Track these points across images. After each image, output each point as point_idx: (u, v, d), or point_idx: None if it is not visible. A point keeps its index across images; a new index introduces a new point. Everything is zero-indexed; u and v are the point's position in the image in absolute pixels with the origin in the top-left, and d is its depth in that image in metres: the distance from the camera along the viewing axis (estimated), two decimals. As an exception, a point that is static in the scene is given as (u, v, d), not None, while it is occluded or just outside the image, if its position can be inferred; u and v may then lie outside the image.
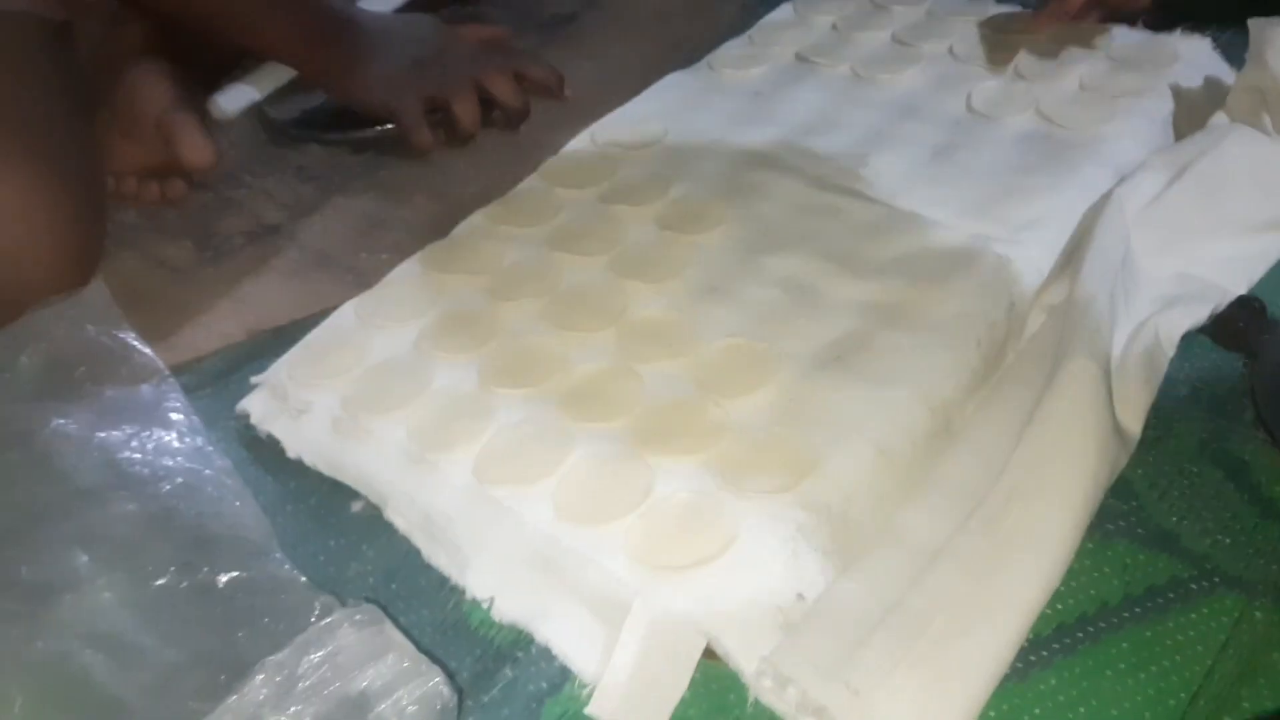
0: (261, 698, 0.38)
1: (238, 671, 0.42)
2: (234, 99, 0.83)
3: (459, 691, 0.42)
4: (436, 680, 0.39)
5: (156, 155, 0.76)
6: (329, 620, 0.40)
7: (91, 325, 0.65)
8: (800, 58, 0.86)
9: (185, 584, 0.49)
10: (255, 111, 0.85)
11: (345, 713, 0.38)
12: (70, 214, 0.67)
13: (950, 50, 0.83)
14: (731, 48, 0.89)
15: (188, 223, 0.77)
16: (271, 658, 0.39)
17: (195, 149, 0.73)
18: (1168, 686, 0.44)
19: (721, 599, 0.47)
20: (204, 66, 0.84)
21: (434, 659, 0.41)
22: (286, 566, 0.49)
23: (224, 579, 0.48)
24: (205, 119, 0.77)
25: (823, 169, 0.72)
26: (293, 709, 0.38)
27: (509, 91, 0.82)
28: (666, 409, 0.55)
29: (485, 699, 0.46)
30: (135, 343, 0.63)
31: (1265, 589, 0.47)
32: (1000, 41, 0.83)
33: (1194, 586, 0.48)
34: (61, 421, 0.57)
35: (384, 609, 0.44)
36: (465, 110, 0.80)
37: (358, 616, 0.40)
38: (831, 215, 0.68)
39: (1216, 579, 0.48)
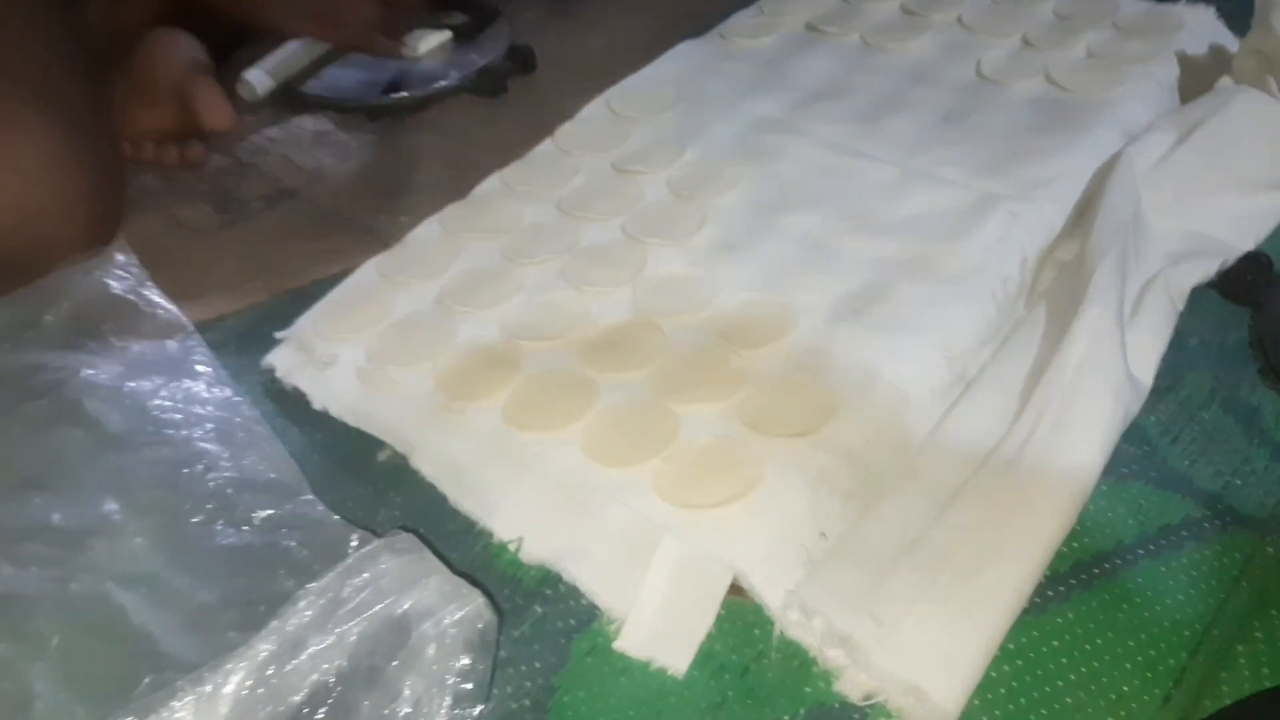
0: (306, 620, 0.39)
1: (276, 604, 0.43)
2: (261, 80, 0.84)
3: (499, 613, 0.43)
4: (479, 602, 0.40)
5: (175, 119, 0.76)
6: (369, 548, 0.41)
7: (115, 283, 0.65)
8: (810, 27, 0.87)
9: (219, 524, 0.49)
10: (273, 79, 0.85)
11: (388, 633, 0.39)
12: (91, 174, 0.67)
13: (959, 19, 0.84)
14: (742, 17, 0.89)
15: (207, 186, 0.78)
16: (313, 584, 0.40)
17: (215, 112, 0.74)
18: (1183, 618, 0.45)
19: (747, 537, 0.48)
20: (216, 36, 0.85)
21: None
22: (320, 508, 0.50)
23: (258, 518, 0.49)
24: (226, 83, 0.78)
25: (836, 132, 0.73)
26: (337, 630, 0.39)
27: None
28: (688, 359, 0.56)
29: (516, 634, 0.47)
30: (159, 299, 0.64)
31: (1276, 526, 0.48)
32: (1007, 12, 0.84)
33: (1207, 525, 0.49)
34: (90, 372, 0.58)
35: (418, 542, 0.45)
36: None
37: (397, 544, 0.41)
38: (846, 176, 0.69)
39: (1229, 518, 0.49)
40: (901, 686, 0.42)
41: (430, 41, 0.89)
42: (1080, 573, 0.48)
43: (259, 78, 0.83)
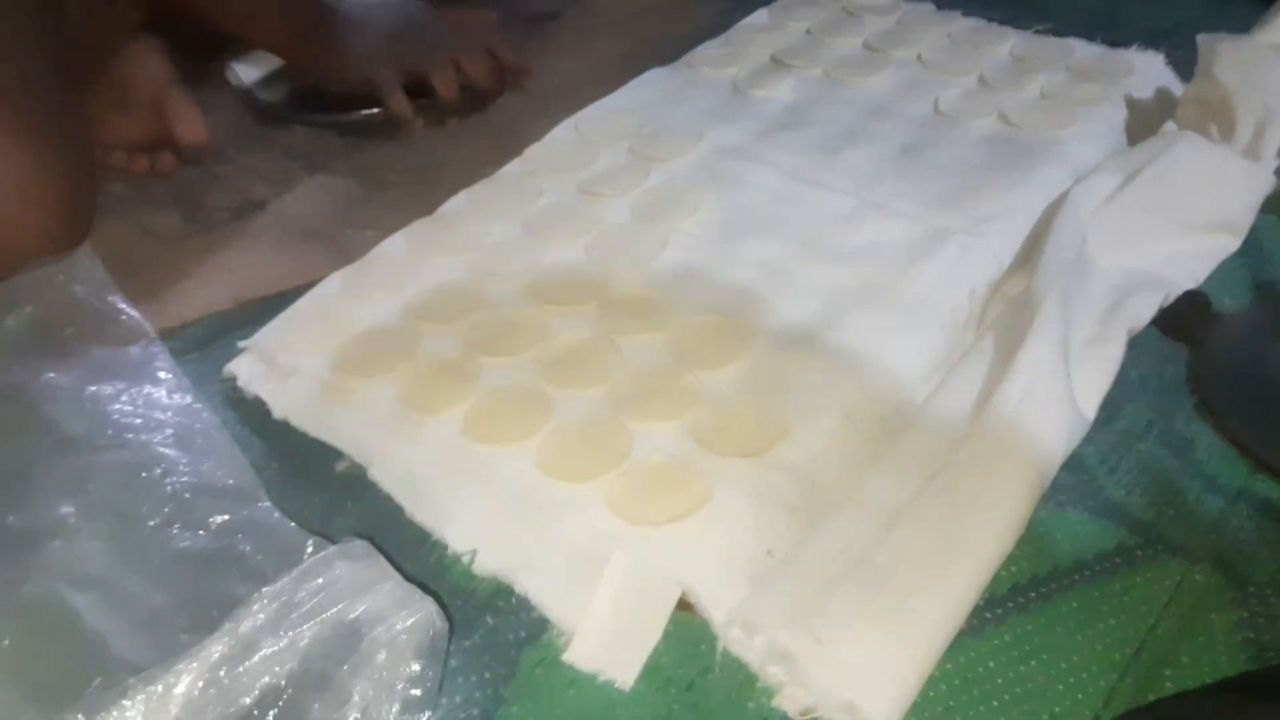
0: (259, 623, 0.39)
1: (230, 608, 0.43)
2: (250, 69, 0.85)
3: (450, 621, 0.44)
4: (430, 609, 0.41)
5: (148, 129, 0.77)
6: (324, 554, 0.42)
7: (79, 288, 0.66)
8: (775, 59, 0.89)
9: (175, 528, 0.50)
10: (244, 93, 0.86)
11: (340, 637, 0.40)
12: (61, 180, 0.68)
13: (919, 57, 0.87)
14: (709, 47, 0.92)
15: (176, 196, 0.79)
16: (268, 587, 0.41)
17: (189, 125, 0.75)
18: (1113, 642, 0.47)
19: (695, 553, 0.49)
20: (197, 47, 0.86)
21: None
22: (276, 514, 0.50)
23: (214, 523, 0.49)
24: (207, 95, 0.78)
25: (796, 162, 0.75)
26: (289, 634, 0.39)
27: (480, 69, 0.85)
28: (644, 378, 0.58)
29: (467, 644, 0.48)
30: (123, 306, 0.65)
31: (1205, 555, 0.50)
32: (965, 52, 0.86)
33: (1139, 552, 0.51)
34: (51, 376, 0.58)
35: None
36: (442, 82, 0.83)
37: (351, 550, 0.42)
38: (804, 204, 0.70)
39: (1160, 546, 0.51)
40: (838, 703, 0.43)
41: None
42: (1018, 595, 0.49)
43: (245, 70, 0.84)
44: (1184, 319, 0.62)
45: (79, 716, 0.39)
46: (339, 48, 0.83)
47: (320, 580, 0.40)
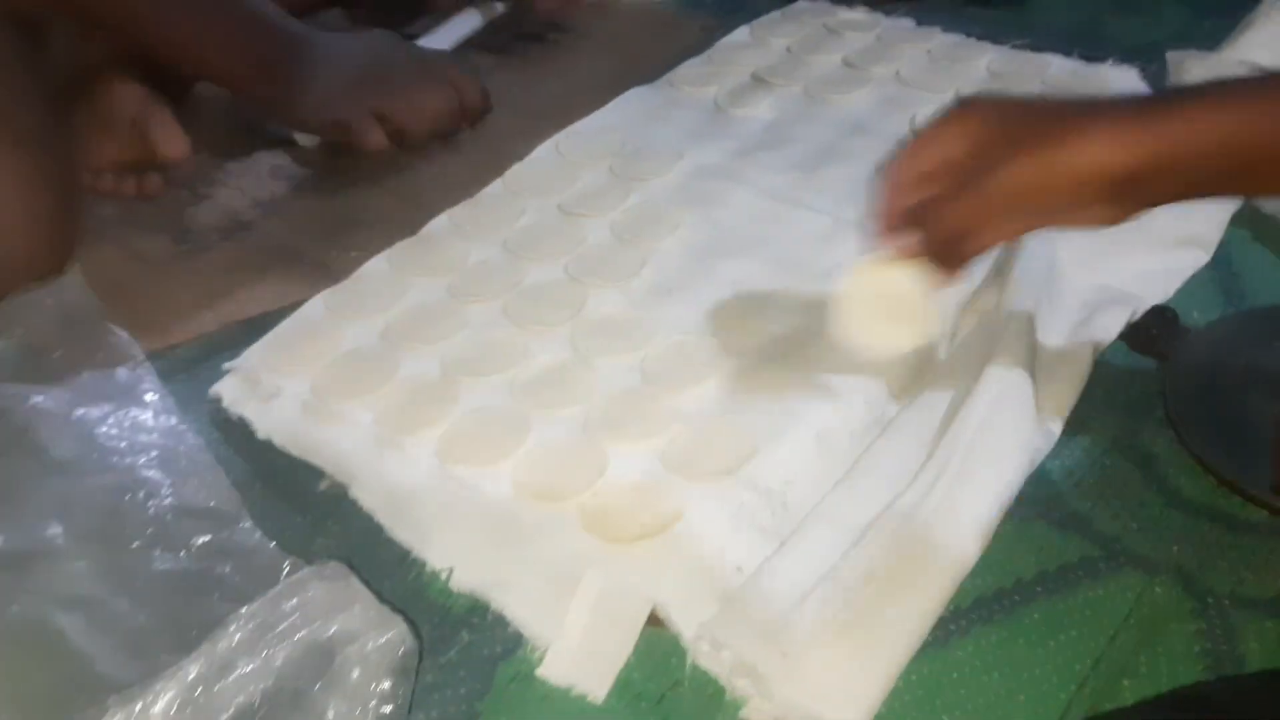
0: (235, 644, 0.41)
1: (209, 628, 0.44)
2: None
3: (420, 641, 0.45)
4: (399, 629, 0.42)
5: (133, 150, 0.78)
6: (298, 575, 0.43)
7: (68, 312, 0.67)
8: (756, 77, 0.90)
9: (158, 550, 0.51)
10: (231, 114, 0.87)
11: (313, 657, 0.41)
12: (47, 201, 0.69)
13: (898, 74, 0.88)
14: (691, 66, 0.93)
15: (164, 218, 0.80)
16: (244, 608, 0.42)
17: (170, 142, 0.76)
18: (1074, 653, 0.48)
19: (666, 570, 0.50)
20: (176, 76, 0.87)
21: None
22: (257, 535, 0.51)
23: (196, 545, 0.51)
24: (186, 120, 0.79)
25: (775, 181, 0.76)
26: (264, 653, 0.40)
27: (444, 110, 0.84)
28: (619, 398, 0.59)
29: (443, 660, 0.49)
30: (111, 329, 0.66)
31: (1166, 568, 0.51)
32: (943, 68, 0.88)
33: (1102, 565, 0.52)
34: (39, 399, 0.59)
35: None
36: (410, 121, 0.82)
37: (326, 572, 0.43)
38: (782, 224, 0.72)
39: (1123, 558, 0.52)
40: (804, 715, 0.45)
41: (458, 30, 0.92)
42: (981, 607, 0.50)
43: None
44: (1152, 333, 0.63)
45: (59, 735, 0.40)
46: (301, 88, 0.79)
47: (295, 601, 0.42)
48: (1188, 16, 1.00)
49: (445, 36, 0.95)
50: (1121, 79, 0.84)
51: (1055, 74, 0.85)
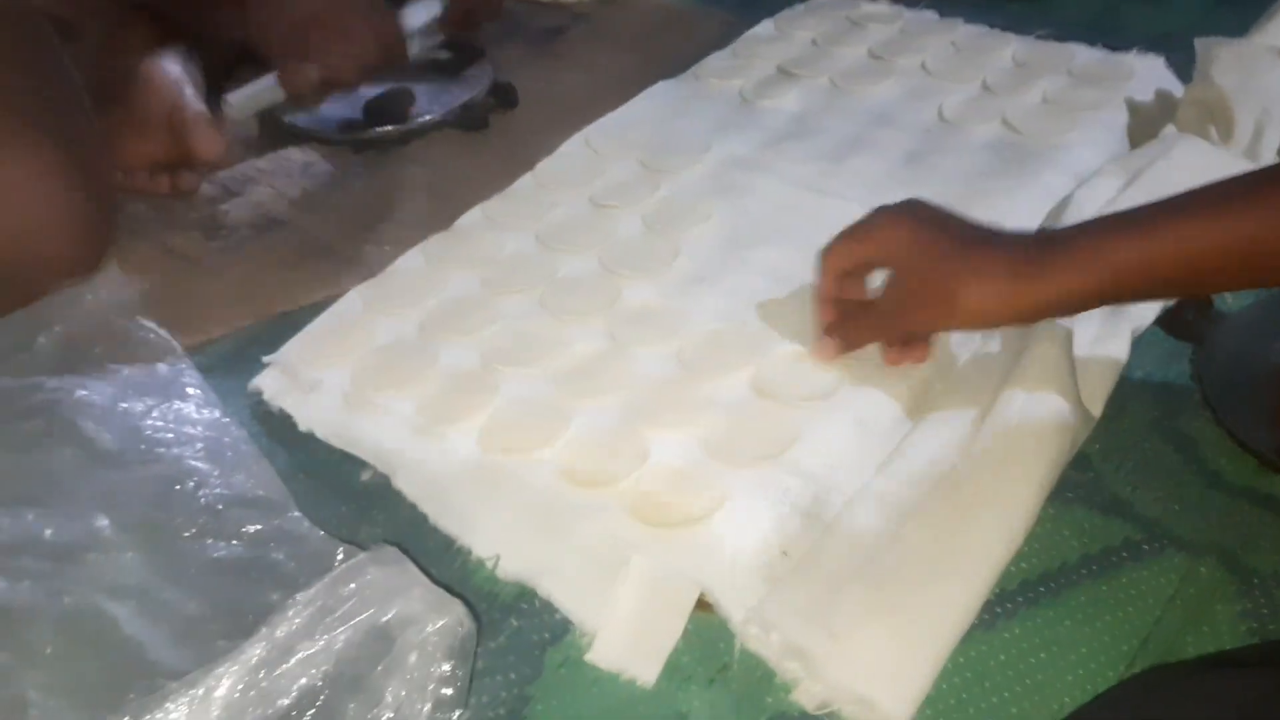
0: (295, 628, 0.41)
1: (263, 614, 0.45)
2: (245, 100, 0.85)
3: (477, 623, 0.45)
4: (459, 611, 0.42)
5: (167, 149, 0.79)
6: (356, 560, 0.43)
7: (106, 308, 0.68)
8: (782, 70, 0.90)
9: (209, 539, 0.52)
10: (263, 113, 0.88)
11: (373, 640, 0.41)
12: (84, 195, 0.70)
13: (923, 65, 0.88)
14: (716, 59, 0.93)
15: (197, 215, 0.80)
16: (302, 593, 0.42)
17: (205, 141, 0.77)
18: (1121, 633, 0.48)
19: (712, 555, 0.51)
20: (206, 66, 0.87)
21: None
22: (306, 524, 0.52)
23: (247, 533, 0.51)
24: (216, 113, 0.80)
25: (803, 171, 0.77)
26: (324, 637, 0.41)
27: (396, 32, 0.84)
28: (659, 386, 0.59)
29: (493, 646, 0.50)
30: (150, 324, 0.67)
31: (1210, 549, 0.51)
32: (969, 58, 0.88)
33: (1145, 547, 0.52)
34: (84, 393, 0.60)
35: (399, 558, 0.47)
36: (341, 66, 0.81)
37: (382, 556, 0.44)
38: (811, 213, 0.72)
39: (1165, 540, 0.52)
40: (852, 696, 0.45)
41: (420, 16, 0.89)
42: (1027, 591, 0.51)
43: (239, 99, 0.84)
44: (1187, 318, 0.63)
45: (125, 718, 0.40)
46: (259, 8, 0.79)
47: (353, 585, 0.42)
48: (1205, 5, 1.00)
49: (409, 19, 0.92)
50: (1148, 67, 0.84)
51: (1081, 63, 0.85)
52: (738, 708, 0.47)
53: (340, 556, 0.48)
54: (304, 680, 0.41)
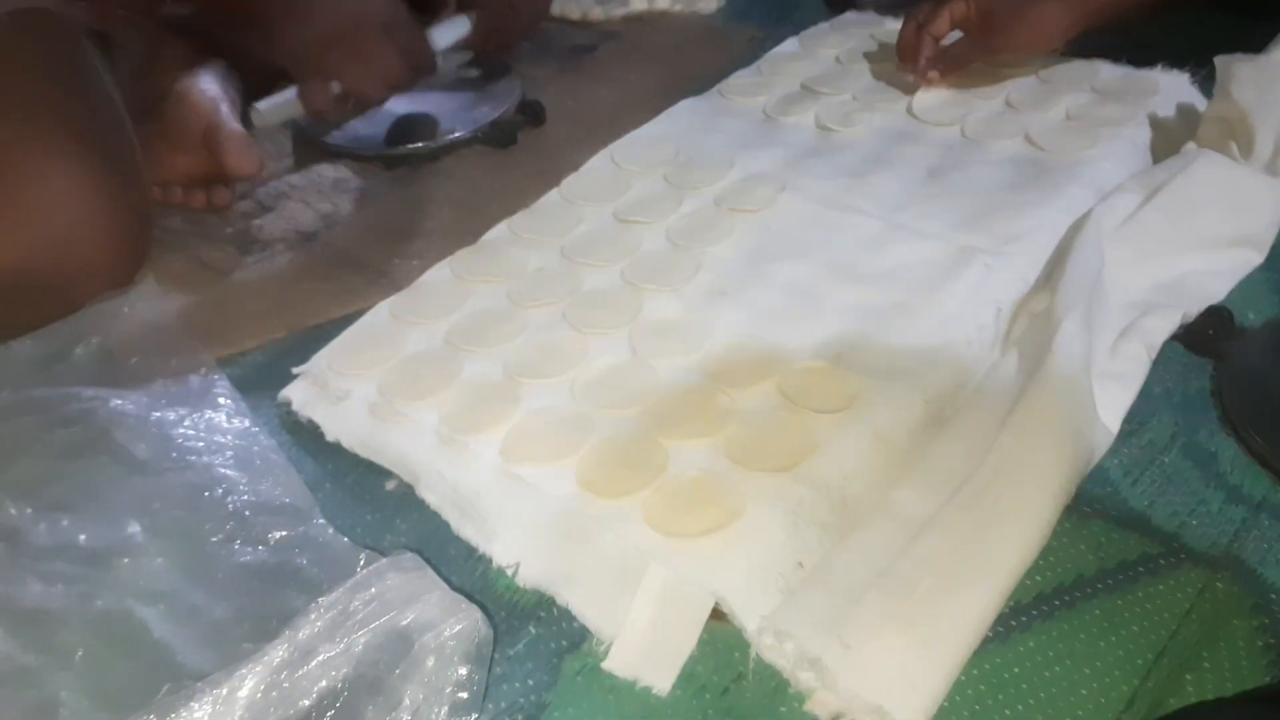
0: (316, 630, 0.42)
1: (288, 619, 0.46)
2: (273, 109, 0.86)
3: (494, 630, 0.46)
4: (476, 617, 0.43)
5: (203, 164, 0.81)
6: (376, 566, 0.44)
7: (143, 320, 0.70)
8: (805, 87, 0.91)
9: (236, 544, 0.53)
10: (295, 130, 0.90)
11: (392, 644, 0.42)
12: (123, 209, 0.72)
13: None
14: (741, 77, 0.94)
15: (231, 229, 0.82)
16: (324, 598, 0.43)
17: (241, 158, 0.78)
18: (1136, 647, 0.48)
19: (728, 565, 0.51)
20: (244, 83, 0.89)
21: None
22: (330, 530, 0.53)
23: (273, 539, 0.52)
24: (250, 130, 0.82)
25: (825, 188, 0.77)
26: (344, 640, 0.42)
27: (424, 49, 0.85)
28: (679, 398, 0.60)
29: (511, 653, 0.51)
30: (184, 336, 0.68)
31: (1227, 564, 0.51)
32: (992, 74, 0.88)
33: (1162, 561, 0.52)
34: (119, 402, 0.62)
35: (420, 566, 0.48)
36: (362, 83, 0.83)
37: (402, 563, 0.45)
38: (833, 229, 0.73)
39: (1183, 555, 0.52)
40: (867, 707, 0.45)
41: (448, 36, 0.91)
42: (1042, 604, 0.51)
43: (268, 107, 0.85)
44: (1208, 334, 0.63)
45: (150, 717, 0.41)
46: (282, 27, 0.80)
47: (373, 590, 0.43)
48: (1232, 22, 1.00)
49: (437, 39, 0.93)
50: (1172, 83, 0.84)
51: (1104, 79, 0.85)
52: (752, 717, 0.47)
53: (362, 562, 0.49)
54: (324, 682, 0.42)
